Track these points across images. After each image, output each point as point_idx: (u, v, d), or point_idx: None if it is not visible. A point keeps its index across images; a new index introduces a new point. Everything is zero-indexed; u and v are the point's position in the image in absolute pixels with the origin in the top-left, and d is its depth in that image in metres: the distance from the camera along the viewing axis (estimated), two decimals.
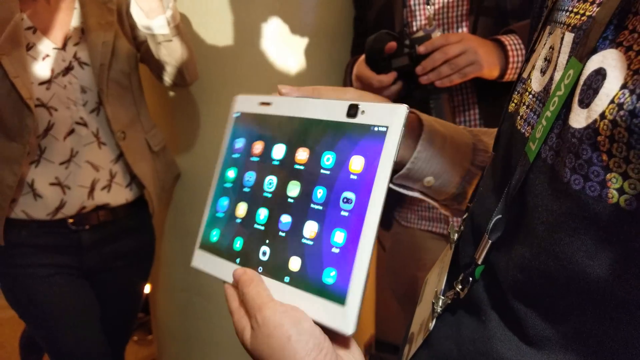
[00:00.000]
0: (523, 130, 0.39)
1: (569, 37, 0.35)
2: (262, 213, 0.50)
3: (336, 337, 0.42)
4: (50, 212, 1.19)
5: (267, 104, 0.52)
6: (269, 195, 0.50)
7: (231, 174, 0.54)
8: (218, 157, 0.54)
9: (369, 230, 0.41)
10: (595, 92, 0.29)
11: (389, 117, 0.43)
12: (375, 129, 0.44)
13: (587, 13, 0.34)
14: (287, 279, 0.45)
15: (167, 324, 1.64)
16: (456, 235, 0.52)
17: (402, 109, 0.43)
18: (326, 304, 0.42)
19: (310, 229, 0.45)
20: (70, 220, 1.21)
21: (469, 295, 0.42)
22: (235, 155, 0.54)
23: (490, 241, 0.39)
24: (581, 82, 0.31)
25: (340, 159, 0.46)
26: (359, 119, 0.45)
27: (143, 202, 1.35)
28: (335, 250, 0.43)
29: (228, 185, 0.54)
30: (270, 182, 0.50)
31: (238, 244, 0.52)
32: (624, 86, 0.28)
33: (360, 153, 0.45)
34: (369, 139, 0.44)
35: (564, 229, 0.31)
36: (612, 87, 0.28)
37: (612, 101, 0.28)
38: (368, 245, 0.41)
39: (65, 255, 1.24)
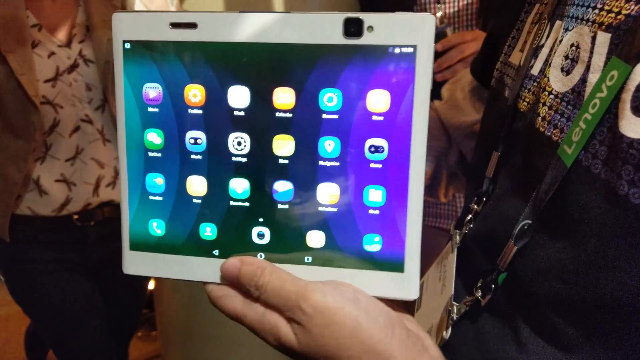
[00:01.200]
0: (549, 133, 0.34)
1: (603, 37, 0.30)
2: (239, 185, 0.32)
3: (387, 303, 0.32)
4: (55, 209, 1.09)
5: (189, 25, 0.31)
6: (243, 160, 0.32)
7: (154, 138, 0.33)
8: (117, 115, 0.33)
9: (416, 181, 0.30)
10: None
11: (414, 31, 0.29)
12: (397, 50, 0.29)
13: (624, 12, 0.29)
14: (308, 259, 0.33)
15: (171, 320, 1.54)
16: (458, 237, 0.45)
17: (429, 19, 0.29)
18: (376, 275, 0.32)
19: (328, 192, 0.32)
20: (76, 217, 1.11)
21: (491, 302, 0.37)
22: (153, 109, 0.32)
23: (516, 247, 0.34)
24: (631, 87, 0.26)
25: (350, 96, 0.30)
26: (367, 39, 0.29)
27: None
28: (374, 212, 0.31)
29: (154, 154, 0.33)
30: (240, 142, 0.31)
31: (208, 231, 0.33)
32: None
33: (380, 86, 0.30)
34: (389, 65, 0.30)
35: (621, 243, 0.27)
36: None
37: None
38: (419, 199, 0.31)
39: (70, 251, 1.14)
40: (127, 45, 0.31)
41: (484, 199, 0.43)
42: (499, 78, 0.47)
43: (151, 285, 1.52)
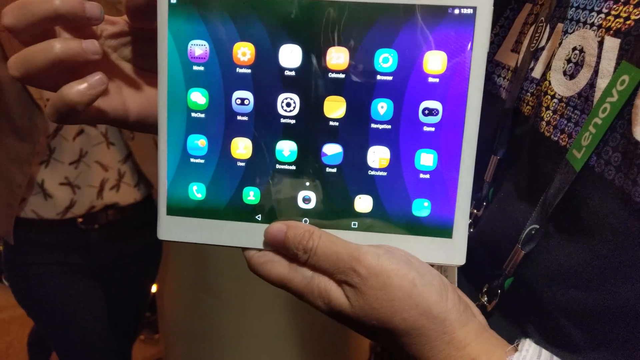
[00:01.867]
0: (555, 138, 0.32)
1: (612, 42, 0.28)
2: (286, 147, 0.29)
3: None
4: (60, 212, 1.03)
5: None
6: (292, 122, 0.29)
7: (198, 97, 0.29)
8: (158, 74, 0.29)
9: (469, 146, 0.28)
10: None
11: None
12: (456, 11, 0.27)
13: (633, 17, 0.28)
14: (355, 224, 0.30)
15: (173, 322, 1.48)
16: None
17: None
18: (424, 240, 0.30)
19: (379, 155, 0.29)
20: (80, 220, 1.06)
21: (497, 307, 0.35)
22: (198, 68, 0.29)
23: (523, 252, 0.32)
24: None
25: (407, 58, 0.28)
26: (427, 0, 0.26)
27: (151, 202, 1.20)
28: (424, 176, 0.29)
29: (198, 115, 0.29)
30: (289, 103, 0.28)
31: (252, 195, 0.29)
32: None
33: (438, 47, 0.27)
34: (448, 26, 0.27)
35: (636, 250, 0.25)
36: None
37: None
38: (471, 164, 0.29)
39: (74, 254, 1.09)
40: (173, 0, 0.28)
41: (484, 203, 0.41)
42: (486, 77, 0.45)
43: (154, 288, 1.47)
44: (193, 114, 0.29)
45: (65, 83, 0.29)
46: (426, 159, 0.28)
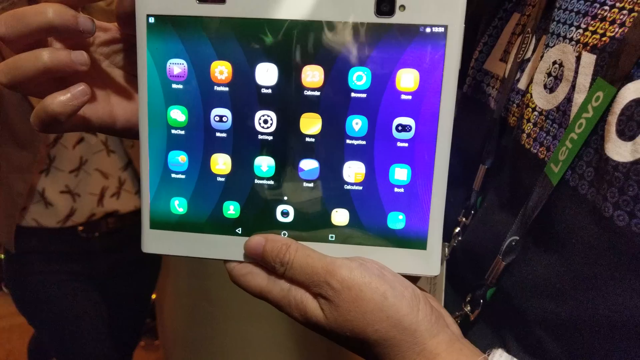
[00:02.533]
0: (535, 151, 0.32)
1: (588, 57, 0.29)
2: (264, 163, 0.30)
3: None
4: (60, 220, 1.04)
5: (218, 0, 0.28)
6: (269, 138, 0.29)
7: (177, 115, 0.30)
8: (139, 92, 0.30)
9: (441, 160, 0.29)
10: None
11: (446, 11, 0.27)
12: (428, 30, 0.28)
13: (609, 34, 0.28)
14: (332, 236, 0.31)
15: (173, 329, 1.47)
16: (447, 250, 0.43)
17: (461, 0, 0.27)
18: (398, 252, 0.30)
19: (354, 170, 0.30)
20: (80, 228, 1.07)
21: (480, 317, 0.35)
22: (177, 86, 0.30)
23: (504, 263, 0.33)
24: (616, 110, 0.26)
25: (380, 75, 0.28)
26: (399, 18, 0.28)
27: None
28: (399, 190, 0.30)
29: (177, 132, 0.30)
30: (266, 120, 0.29)
31: (231, 209, 0.30)
32: None
33: (410, 65, 0.28)
34: (420, 44, 0.28)
35: (607, 263, 0.26)
36: None
37: None
38: (443, 178, 0.29)
39: (74, 262, 1.09)
40: (151, 20, 0.29)
41: (472, 212, 0.41)
42: (475, 85, 0.45)
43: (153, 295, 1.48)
44: (173, 131, 0.30)
45: (52, 91, 0.30)
46: (400, 174, 0.29)
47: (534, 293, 0.30)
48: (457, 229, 0.42)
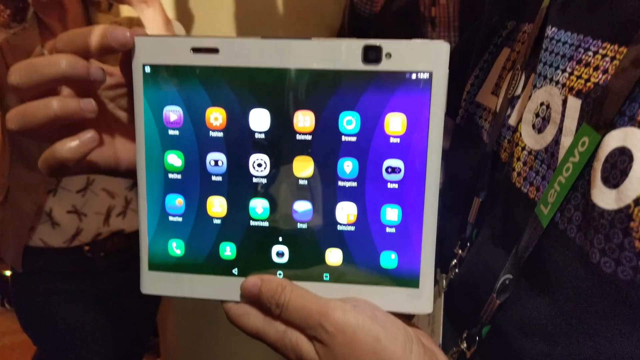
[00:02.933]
0: (525, 190, 0.33)
1: (574, 102, 0.30)
2: (259, 205, 0.31)
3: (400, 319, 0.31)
4: (67, 240, 1.06)
5: (211, 50, 0.30)
6: (263, 181, 0.31)
7: (174, 160, 0.31)
8: (136, 137, 0.32)
9: (431, 200, 0.30)
10: (624, 173, 0.25)
11: (430, 58, 0.28)
12: (414, 76, 0.29)
13: (593, 80, 0.29)
14: (326, 276, 0.31)
15: (175, 346, 1.49)
16: (444, 282, 0.43)
17: (444, 46, 0.28)
18: (392, 291, 0.31)
19: (346, 211, 0.31)
20: (86, 248, 1.08)
21: (475, 355, 0.35)
22: (173, 132, 0.31)
23: (498, 301, 0.33)
24: (601, 156, 0.26)
25: (368, 120, 0.30)
26: (385, 65, 0.29)
27: None
28: (390, 230, 0.31)
29: (175, 176, 0.32)
30: (260, 164, 0.30)
31: (228, 250, 0.31)
32: None
33: (397, 109, 0.29)
34: (406, 90, 0.29)
35: (594, 308, 0.26)
36: None
37: None
38: (433, 217, 0.30)
39: (80, 282, 1.11)
40: (147, 69, 0.30)
41: (468, 244, 0.42)
42: (467, 118, 0.46)
43: None
44: (170, 175, 0.31)
45: (60, 136, 0.31)
46: (391, 214, 0.30)
47: (527, 333, 0.31)
48: (454, 261, 0.43)
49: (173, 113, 0.31)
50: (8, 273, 2.30)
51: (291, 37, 0.29)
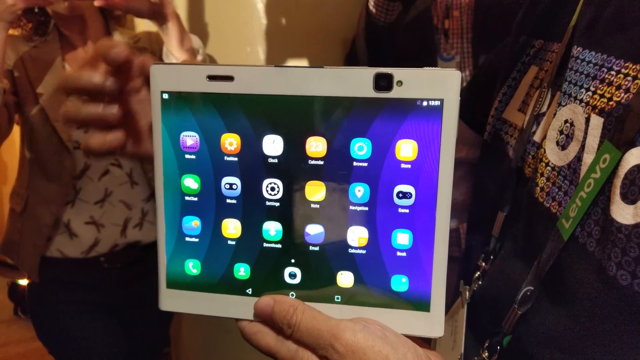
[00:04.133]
0: (548, 205, 0.34)
1: (597, 120, 0.31)
2: (272, 227, 0.32)
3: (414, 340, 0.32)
4: (84, 251, 1.08)
5: (226, 78, 0.31)
6: (276, 205, 0.32)
7: (191, 183, 0.33)
8: (154, 161, 0.34)
9: (442, 226, 0.31)
10: None
11: (441, 86, 0.29)
12: (425, 103, 0.30)
13: (615, 98, 0.30)
14: (338, 298, 0.33)
15: (188, 356, 1.51)
16: (467, 293, 0.45)
17: (456, 75, 0.29)
18: (403, 314, 0.32)
19: (357, 235, 0.32)
20: (102, 259, 1.10)
21: None
22: (190, 156, 0.33)
23: (520, 312, 0.34)
24: (621, 173, 0.28)
25: (380, 146, 0.31)
26: (397, 93, 0.30)
27: None
28: (401, 254, 0.32)
29: (191, 199, 0.33)
30: (273, 188, 0.32)
31: (242, 271, 0.33)
32: None
33: (408, 136, 0.30)
34: (417, 117, 0.30)
35: (610, 320, 0.27)
36: None
37: None
38: (444, 242, 0.31)
39: (96, 292, 1.12)
40: (165, 96, 0.32)
41: (492, 257, 0.43)
42: (494, 133, 0.47)
43: None
44: (187, 198, 0.33)
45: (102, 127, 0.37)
46: (402, 238, 0.31)
47: (546, 344, 0.31)
48: (477, 274, 0.44)
49: (189, 138, 0.32)
50: (22, 282, 2.36)
51: (304, 66, 0.30)
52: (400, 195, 0.31)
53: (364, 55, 1.14)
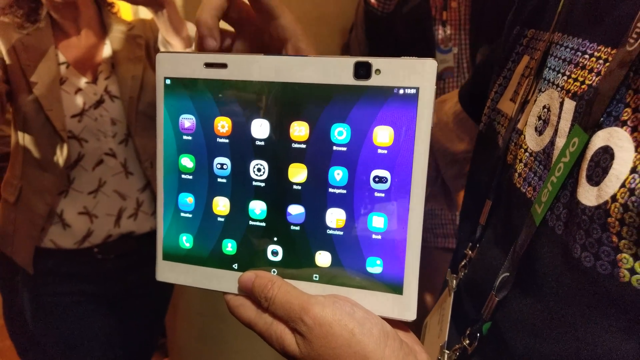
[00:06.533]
0: (524, 190, 0.36)
1: (569, 104, 0.32)
2: (257, 206, 0.36)
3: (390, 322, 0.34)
4: (77, 241, 1.11)
5: (221, 65, 0.36)
6: (262, 185, 0.35)
7: (187, 162, 0.37)
8: (156, 141, 0.38)
9: (416, 210, 0.33)
10: (605, 171, 0.27)
11: (417, 75, 0.32)
12: (401, 91, 0.32)
13: (587, 82, 0.31)
14: (316, 276, 0.36)
15: (183, 347, 1.55)
16: (454, 282, 0.47)
17: (432, 64, 0.32)
18: (377, 295, 0.34)
19: (335, 217, 0.35)
20: (96, 250, 1.13)
21: (477, 351, 0.38)
22: (187, 137, 0.37)
23: (497, 299, 0.36)
24: (588, 156, 0.29)
25: (358, 131, 0.34)
26: (375, 81, 0.33)
27: None
28: (376, 237, 0.34)
29: (186, 177, 0.37)
30: (259, 168, 0.35)
31: (229, 246, 0.37)
32: (633, 170, 0.26)
33: (385, 122, 0.33)
34: (394, 104, 0.33)
35: (576, 302, 0.29)
36: (622, 169, 0.27)
37: (622, 185, 0.26)
38: (418, 226, 0.33)
39: (90, 283, 1.15)
40: (168, 81, 0.36)
41: (477, 245, 0.44)
42: (488, 124, 0.49)
43: None
44: (183, 176, 0.37)
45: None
46: (377, 222, 0.34)
47: (521, 330, 0.33)
48: (464, 262, 0.46)
49: (187, 120, 0.37)
50: None
51: (290, 55, 0.34)
52: (377, 179, 0.33)
53: (361, 45, 1.17)
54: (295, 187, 0.35)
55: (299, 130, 0.34)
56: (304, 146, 0.35)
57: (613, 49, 0.30)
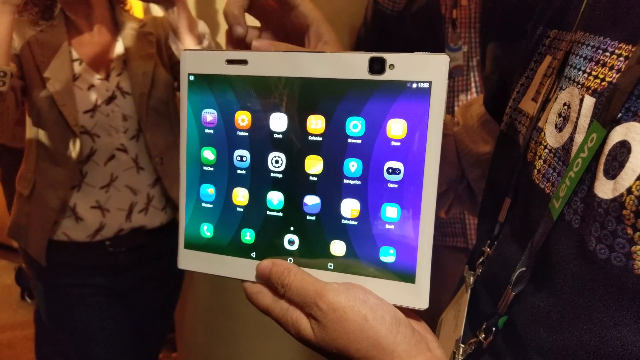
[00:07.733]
0: (542, 186, 0.36)
1: (589, 100, 0.33)
2: (275, 197, 0.38)
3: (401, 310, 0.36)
4: (90, 234, 1.14)
5: (241, 62, 0.37)
6: (279, 176, 0.37)
7: (208, 154, 0.39)
8: (180, 135, 0.40)
9: (429, 201, 0.34)
10: (621, 165, 0.28)
11: (430, 69, 0.33)
12: (414, 85, 0.34)
13: (607, 79, 0.32)
14: (331, 265, 0.37)
15: (192, 342, 1.57)
16: (471, 279, 0.47)
17: (444, 59, 0.33)
18: (390, 284, 0.36)
19: (350, 207, 0.36)
20: (107, 243, 1.16)
21: (492, 344, 0.39)
22: (209, 131, 0.39)
23: (514, 293, 0.36)
24: (605, 150, 0.29)
25: (372, 124, 0.35)
26: (389, 75, 0.34)
27: (176, 225, 1.26)
28: (389, 227, 0.36)
29: (208, 169, 0.39)
30: (277, 160, 0.37)
31: (248, 236, 0.39)
32: None
33: (399, 116, 0.35)
34: (407, 98, 0.34)
35: (591, 295, 0.30)
36: (638, 162, 0.27)
37: (638, 177, 0.27)
38: (431, 217, 0.34)
39: (101, 276, 1.18)
40: (191, 78, 0.39)
41: (495, 242, 0.45)
42: (509, 123, 0.49)
43: None
44: (205, 168, 0.39)
45: None
46: (391, 212, 0.35)
47: (536, 323, 0.34)
48: (481, 259, 0.46)
49: (209, 114, 0.39)
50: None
51: (307, 50, 0.36)
52: (390, 171, 0.35)
53: (371, 43, 1.18)
54: (311, 178, 0.37)
55: (316, 124, 0.36)
56: (320, 139, 0.36)
57: (634, 46, 0.30)
